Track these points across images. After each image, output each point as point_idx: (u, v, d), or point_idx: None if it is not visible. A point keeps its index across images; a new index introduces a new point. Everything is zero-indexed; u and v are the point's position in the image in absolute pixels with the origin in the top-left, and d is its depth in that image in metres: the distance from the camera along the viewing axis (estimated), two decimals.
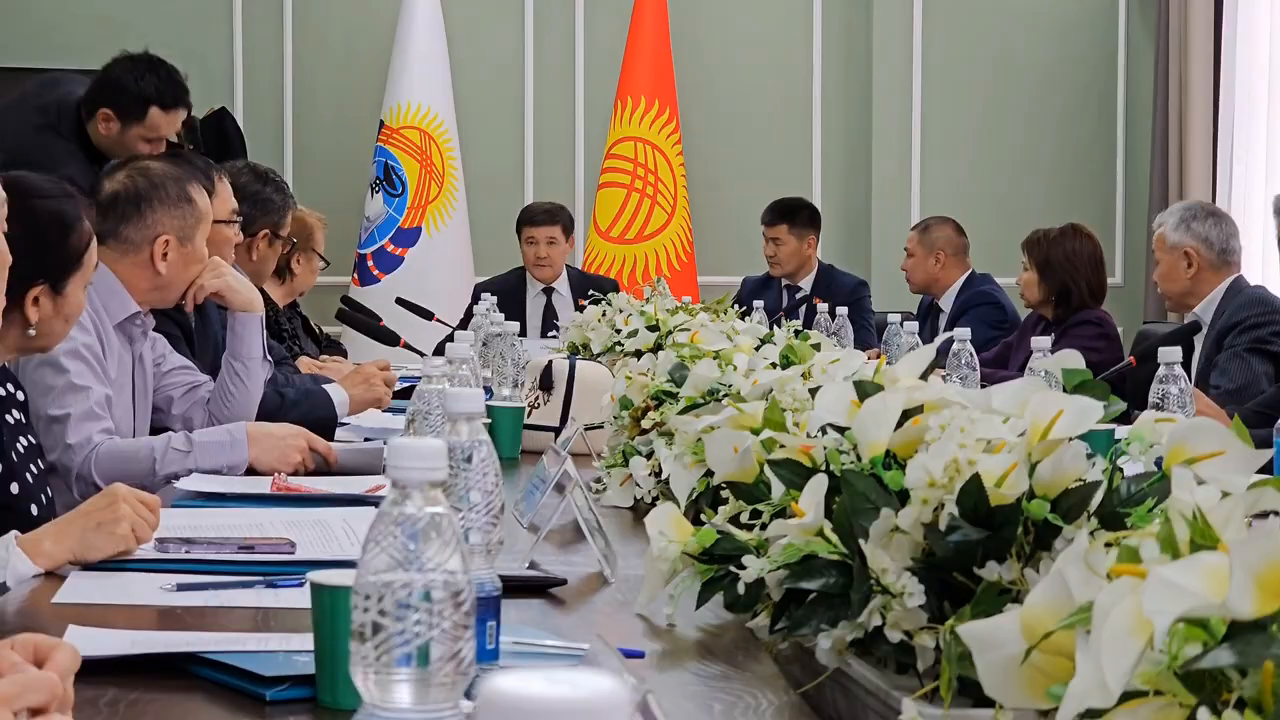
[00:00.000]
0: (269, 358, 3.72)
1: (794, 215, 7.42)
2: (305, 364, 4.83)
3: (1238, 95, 7.87)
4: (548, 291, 7.26)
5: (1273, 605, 0.92)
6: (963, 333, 3.97)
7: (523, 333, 6.73)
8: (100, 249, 3.37)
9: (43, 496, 2.69)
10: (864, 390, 1.77)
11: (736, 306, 4.89)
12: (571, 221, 7.41)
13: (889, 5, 8.56)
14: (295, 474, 3.17)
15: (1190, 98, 8.01)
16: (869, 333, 6.87)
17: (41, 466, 2.76)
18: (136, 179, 3.42)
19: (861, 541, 1.56)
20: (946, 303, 6.90)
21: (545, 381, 3.71)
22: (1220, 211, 5.15)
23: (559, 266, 7.27)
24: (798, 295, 7.36)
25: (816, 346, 2.92)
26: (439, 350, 4.37)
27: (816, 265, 7.46)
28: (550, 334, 6.40)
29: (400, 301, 6.47)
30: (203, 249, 3.48)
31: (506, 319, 4.15)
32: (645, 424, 2.89)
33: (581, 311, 5.10)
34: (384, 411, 4.23)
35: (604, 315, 4.78)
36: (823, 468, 1.76)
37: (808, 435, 1.90)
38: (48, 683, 1.30)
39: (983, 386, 2.28)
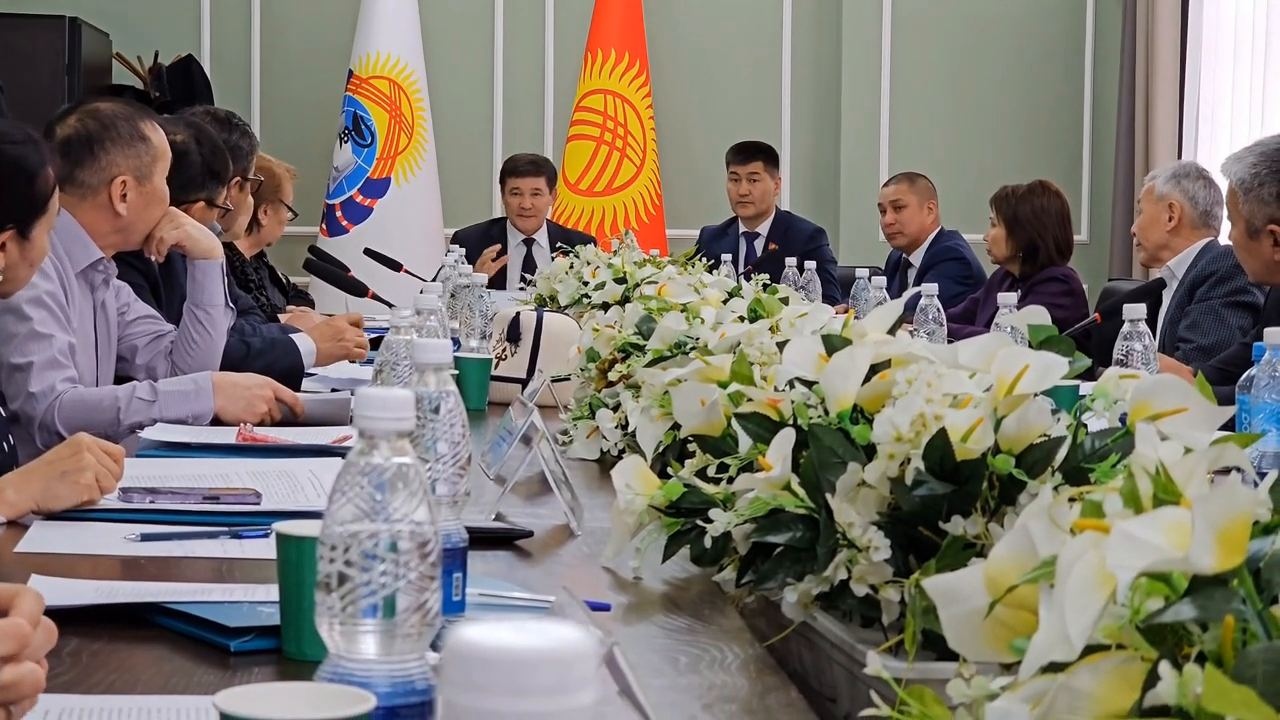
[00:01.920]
0: (232, 306, 3.71)
1: (767, 153, 7.43)
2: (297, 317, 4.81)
3: (1204, 55, 7.88)
4: (528, 243, 7.25)
5: (1233, 560, 0.92)
6: (930, 288, 3.98)
7: (503, 284, 6.74)
8: (58, 195, 3.35)
9: (3, 444, 2.68)
10: (832, 344, 1.77)
11: (703, 259, 4.89)
12: (555, 174, 7.42)
13: None
14: (261, 424, 3.16)
15: (1157, 56, 8.02)
16: (832, 283, 6.87)
17: (3, 415, 2.74)
18: (87, 121, 3.38)
19: (828, 496, 1.57)
20: (917, 258, 6.90)
21: (512, 333, 3.70)
22: (1211, 178, 5.18)
23: (542, 218, 7.28)
24: (756, 242, 7.36)
25: (784, 300, 2.92)
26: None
27: (774, 211, 7.46)
28: (520, 286, 6.39)
29: (368, 252, 6.45)
30: (162, 187, 3.44)
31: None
32: (612, 376, 2.89)
33: None
34: (354, 364, 4.22)
35: (571, 267, 4.77)
36: (790, 422, 1.77)
37: (775, 389, 1.90)
38: (15, 630, 1.30)
39: (950, 342, 2.29)
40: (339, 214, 7.97)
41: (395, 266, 6.28)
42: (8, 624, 1.30)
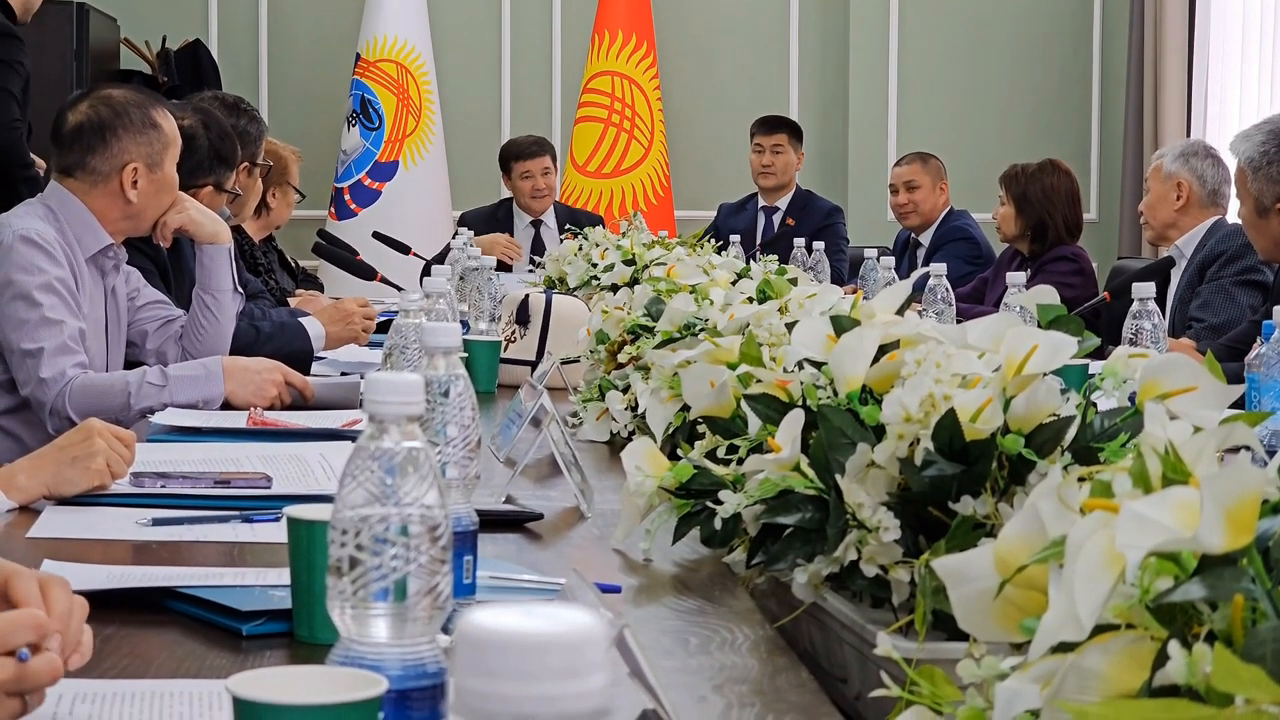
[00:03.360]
0: (240, 290, 3.71)
1: (791, 127, 7.43)
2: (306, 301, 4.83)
3: (1212, 32, 7.86)
4: (536, 225, 7.24)
5: (1242, 539, 0.92)
6: (939, 268, 3.97)
7: (510, 266, 6.74)
8: (69, 181, 3.35)
9: None
10: (841, 325, 1.77)
11: (712, 240, 4.88)
12: (555, 151, 7.42)
13: None
14: (271, 408, 3.16)
15: (1165, 34, 8.00)
16: (841, 261, 6.87)
17: None
18: (99, 108, 3.38)
19: (838, 476, 1.57)
20: (926, 238, 6.89)
21: (522, 315, 3.70)
22: (1219, 156, 5.17)
23: (553, 197, 7.28)
24: (774, 217, 7.36)
25: (793, 281, 2.92)
26: (426, 271, 4.36)
27: (795, 187, 7.46)
28: (529, 269, 6.38)
29: (377, 235, 6.45)
30: (173, 175, 3.44)
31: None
32: (621, 358, 2.89)
33: None
34: (361, 346, 4.23)
35: (580, 249, 4.77)
36: (799, 403, 1.77)
37: (784, 370, 1.90)
38: (34, 620, 1.30)
39: (959, 322, 2.29)
40: (347, 197, 7.97)
41: (404, 249, 6.28)
42: (27, 614, 1.31)
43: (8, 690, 1.28)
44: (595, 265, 4.51)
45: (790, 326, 2.04)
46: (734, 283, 2.99)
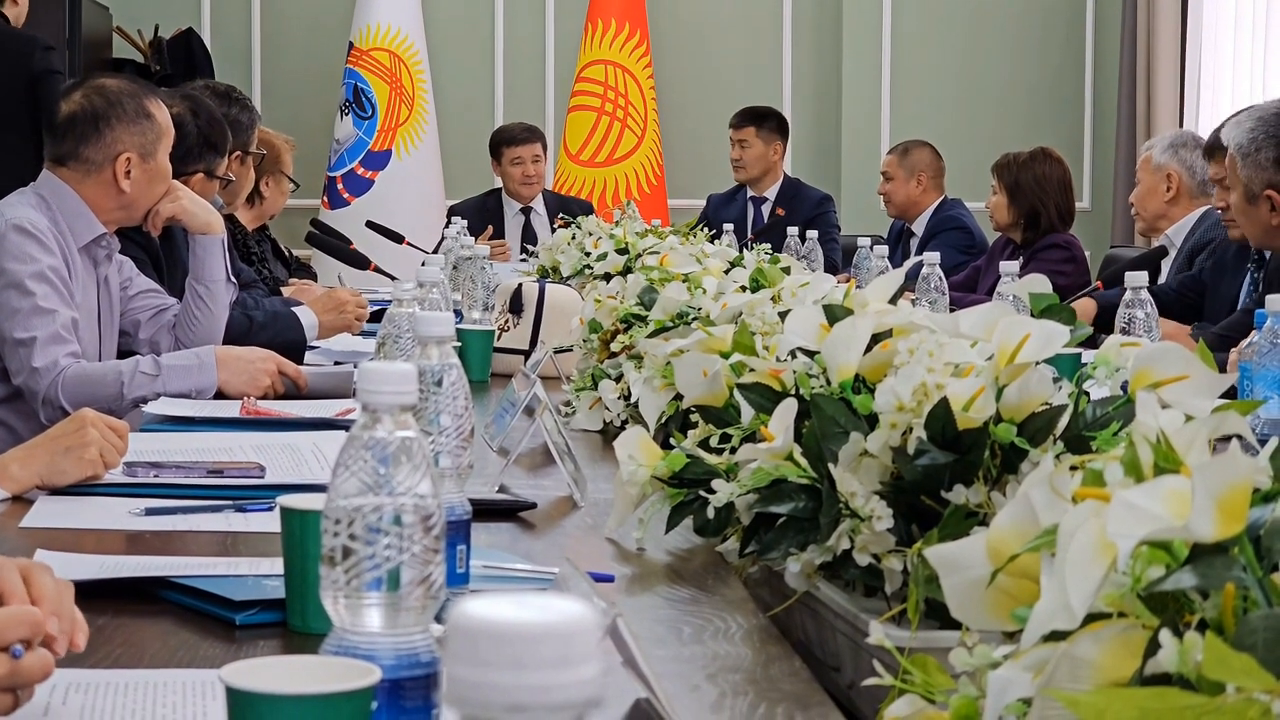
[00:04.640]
0: (233, 280, 3.71)
1: (762, 120, 7.44)
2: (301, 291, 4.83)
3: (1205, 22, 7.86)
4: (525, 212, 7.25)
5: (1233, 528, 0.92)
6: (932, 257, 3.97)
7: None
8: (62, 170, 3.35)
9: None
10: (833, 314, 1.78)
11: (704, 229, 4.88)
12: (545, 140, 7.43)
13: None
14: (264, 397, 3.16)
15: (1158, 23, 8.00)
16: (834, 249, 6.89)
17: None
18: (93, 98, 3.38)
19: (830, 465, 1.57)
20: (919, 227, 6.90)
21: (515, 305, 3.71)
22: None
23: (543, 183, 7.29)
24: (763, 207, 7.37)
25: (786, 270, 2.92)
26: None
27: (782, 177, 7.47)
28: (521, 258, 6.38)
29: (370, 224, 6.44)
30: (166, 165, 3.44)
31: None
32: (614, 347, 2.90)
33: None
34: (354, 335, 4.23)
35: (573, 238, 4.77)
36: (792, 392, 1.77)
37: (777, 359, 1.90)
38: (29, 616, 1.31)
39: (952, 311, 2.29)
40: (340, 186, 7.96)
41: (397, 239, 6.28)
42: (22, 611, 1.31)
43: (1, 686, 1.29)
44: (588, 254, 4.51)
45: (783, 315, 2.04)
46: (727, 271, 2.99)
